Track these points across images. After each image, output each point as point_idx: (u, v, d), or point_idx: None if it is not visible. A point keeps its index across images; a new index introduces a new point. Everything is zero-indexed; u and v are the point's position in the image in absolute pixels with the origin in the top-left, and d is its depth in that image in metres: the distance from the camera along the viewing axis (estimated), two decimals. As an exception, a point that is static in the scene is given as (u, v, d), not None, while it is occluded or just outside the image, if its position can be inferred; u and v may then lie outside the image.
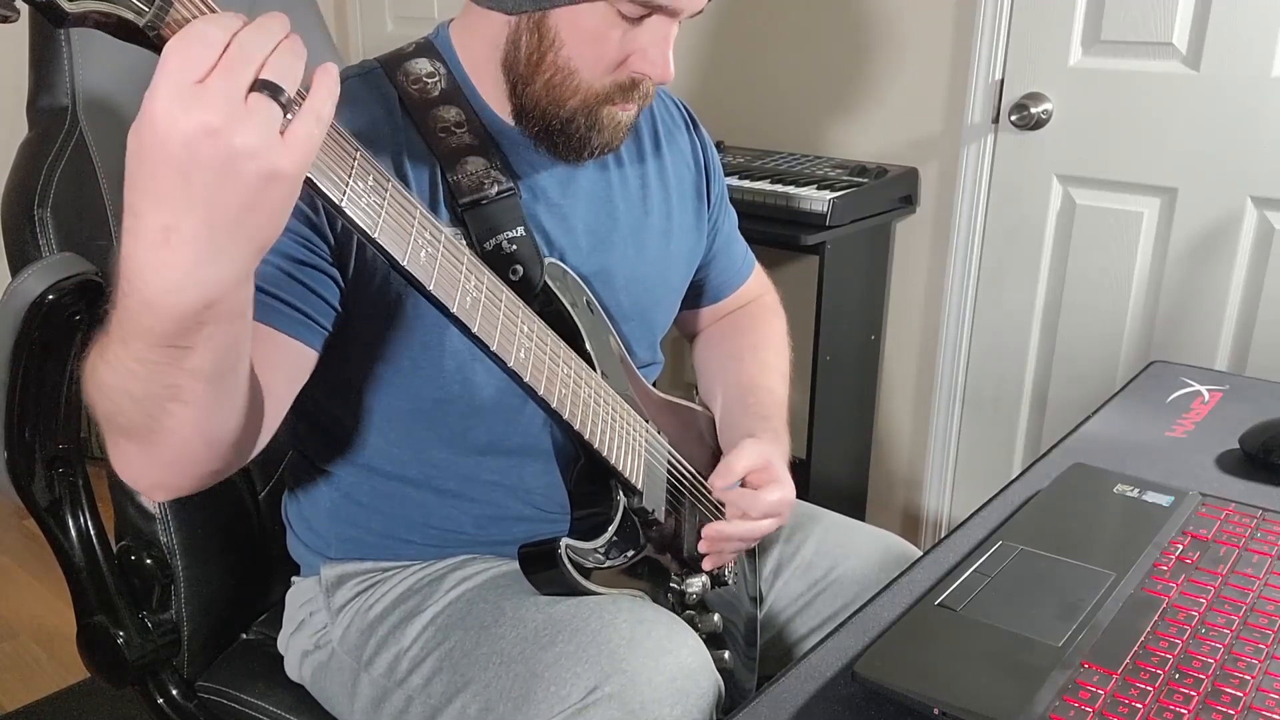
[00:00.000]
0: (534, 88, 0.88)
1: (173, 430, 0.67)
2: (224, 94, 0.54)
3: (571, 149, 0.91)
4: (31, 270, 0.90)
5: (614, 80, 0.87)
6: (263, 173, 0.56)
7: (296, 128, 0.57)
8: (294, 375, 0.85)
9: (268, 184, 0.56)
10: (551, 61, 0.86)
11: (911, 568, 0.85)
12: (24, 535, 2.44)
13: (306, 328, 0.84)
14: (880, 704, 0.68)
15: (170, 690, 1.07)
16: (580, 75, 0.87)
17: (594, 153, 0.92)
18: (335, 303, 0.87)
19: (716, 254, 1.17)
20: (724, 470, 0.98)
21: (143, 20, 0.56)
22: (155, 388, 0.64)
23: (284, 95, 0.56)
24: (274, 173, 0.56)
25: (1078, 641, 0.70)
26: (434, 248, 0.75)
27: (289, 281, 0.83)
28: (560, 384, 0.87)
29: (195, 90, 0.54)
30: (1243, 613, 0.74)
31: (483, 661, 0.89)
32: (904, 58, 2.04)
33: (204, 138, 0.54)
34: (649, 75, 0.87)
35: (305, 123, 0.58)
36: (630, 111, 0.91)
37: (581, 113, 0.88)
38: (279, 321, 0.82)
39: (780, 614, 1.12)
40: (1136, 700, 0.65)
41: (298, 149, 0.57)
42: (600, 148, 0.91)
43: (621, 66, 0.87)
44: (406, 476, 0.99)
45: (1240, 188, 1.75)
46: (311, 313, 0.84)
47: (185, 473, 0.74)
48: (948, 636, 0.71)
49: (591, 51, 0.85)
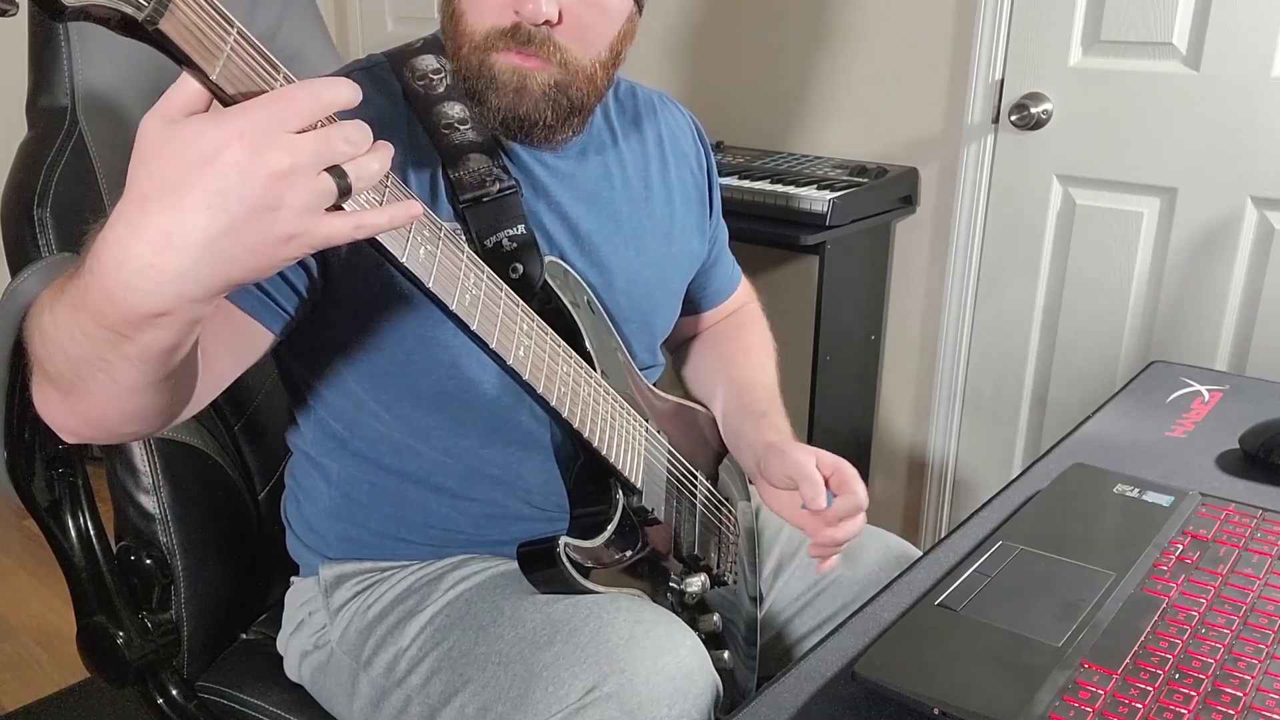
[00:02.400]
0: (449, 47, 0.90)
1: (95, 393, 0.66)
2: (308, 156, 0.55)
3: (482, 105, 0.89)
4: (31, 270, 0.90)
5: (494, 25, 0.86)
6: (288, 232, 0.57)
7: (339, 219, 0.59)
8: (242, 354, 0.83)
9: (284, 243, 0.57)
10: (451, 10, 0.88)
11: (911, 568, 0.85)
12: (24, 535, 2.44)
13: (266, 307, 0.83)
14: (880, 704, 0.68)
15: (170, 690, 1.07)
16: (466, 18, 0.87)
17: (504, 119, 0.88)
18: (302, 289, 0.86)
19: (715, 261, 1.18)
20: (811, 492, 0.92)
21: (142, 14, 0.55)
22: (89, 355, 0.63)
23: (349, 186, 0.58)
24: (295, 237, 0.57)
25: (1078, 641, 0.70)
26: (433, 245, 0.75)
27: None
28: (559, 382, 0.87)
29: (287, 137, 0.55)
30: (1243, 613, 0.74)
31: (481, 661, 0.89)
32: (904, 58, 2.04)
33: (268, 176, 0.54)
34: (520, 11, 0.85)
35: (349, 221, 0.59)
36: (535, 73, 0.87)
37: (474, 62, 0.87)
38: (241, 299, 0.81)
39: (780, 614, 1.12)
40: (1136, 700, 0.65)
41: (327, 231, 0.58)
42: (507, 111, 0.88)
43: (504, 8, 0.85)
44: (406, 473, 0.99)
45: (1240, 188, 1.75)
46: (273, 293, 0.83)
47: (99, 428, 0.73)
48: (948, 636, 0.71)
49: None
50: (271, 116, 0.55)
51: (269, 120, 0.55)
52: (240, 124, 0.54)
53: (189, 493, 1.06)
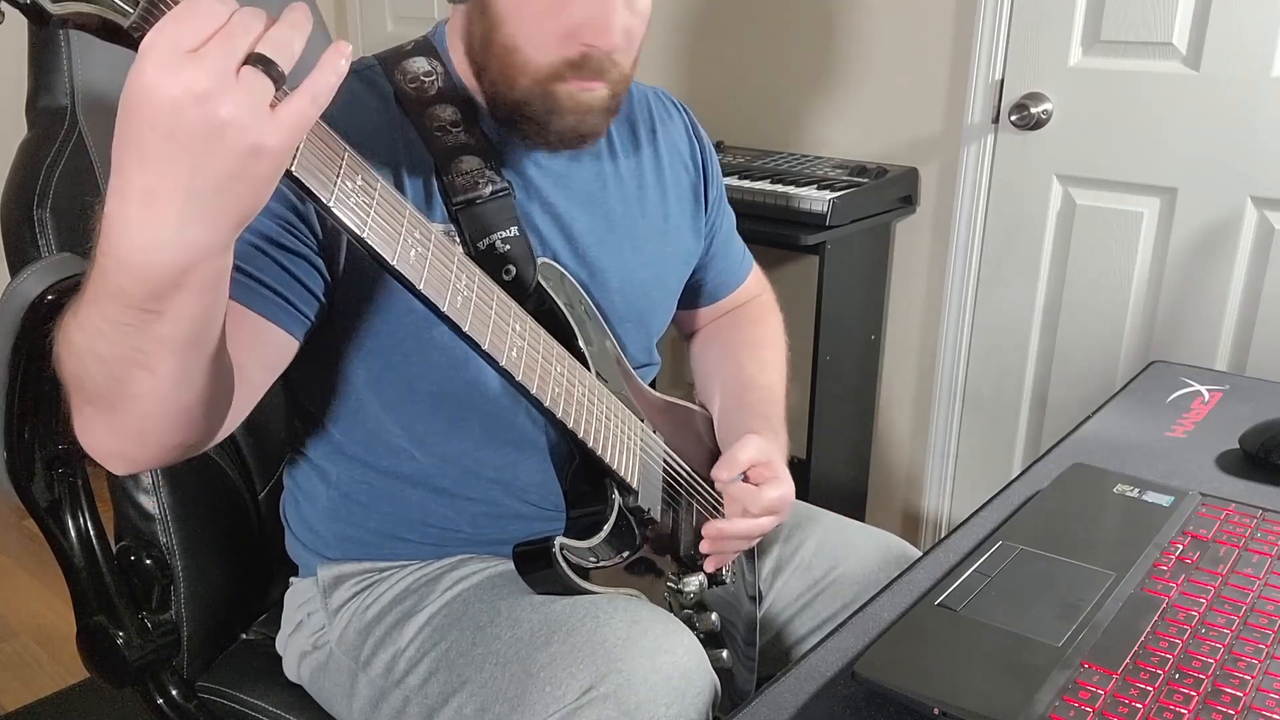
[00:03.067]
0: (490, 72, 0.88)
1: (136, 397, 0.66)
2: (216, 63, 0.54)
3: (539, 133, 0.89)
4: (31, 270, 0.90)
5: (561, 56, 0.85)
6: (246, 145, 0.56)
7: (287, 104, 0.57)
8: (271, 361, 0.84)
9: (251, 156, 0.56)
10: (498, 42, 0.86)
11: (911, 568, 0.85)
12: (24, 535, 2.44)
13: (286, 313, 0.83)
14: (880, 704, 0.67)
15: (170, 690, 1.07)
16: (524, 52, 0.85)
17: (565, 138, 0.89)
18: (319, 292, 0.86)
19: (715, 255, 1.17)
20: (728, 462, 0.98)
21: (127, 21, 0.56)
22: (122, 349, 0.63)
23: (277, 69, 0.56)
24: (257, 146, 0.56)
25: (1078, 641, 0.70)
26: (424, 247, 0.75)
27: (271, 265, 0.82)
28: (553, 383, 0.87)
29: (188, 57, 0.54)
30: (1243, 613, 0.74)
31: (479, 661, 0.89)
32: (904, 58, 2.04)
33: (191, 103, 0.54)
34: (595, 44, 0.84)
35: (298, 100, 0.57)
36: (596, 91, 0.87)
37: (535, 92, 0.86)
38: (258, 304, 0.81)
39: (780, 614, 1.12)
40: (1136, 700, 0.65)
41: (285, 125, 0.57)
42: (569, 132, 0.88)
43: (569, 40, 0.85)
44: (404, 473, 0.99)
45: (1240, 188, 1.75)
46: (292, 298, 0.83)
47: (146, 443, 0.72)
48: (948, 636, 0.71)
49: (531, 26, 0.84)
50: (168, 43, 0.54)
51: (165, 49, 0.54)
52: (142, 65, 0.54)
53: (189, 493, 1.06)
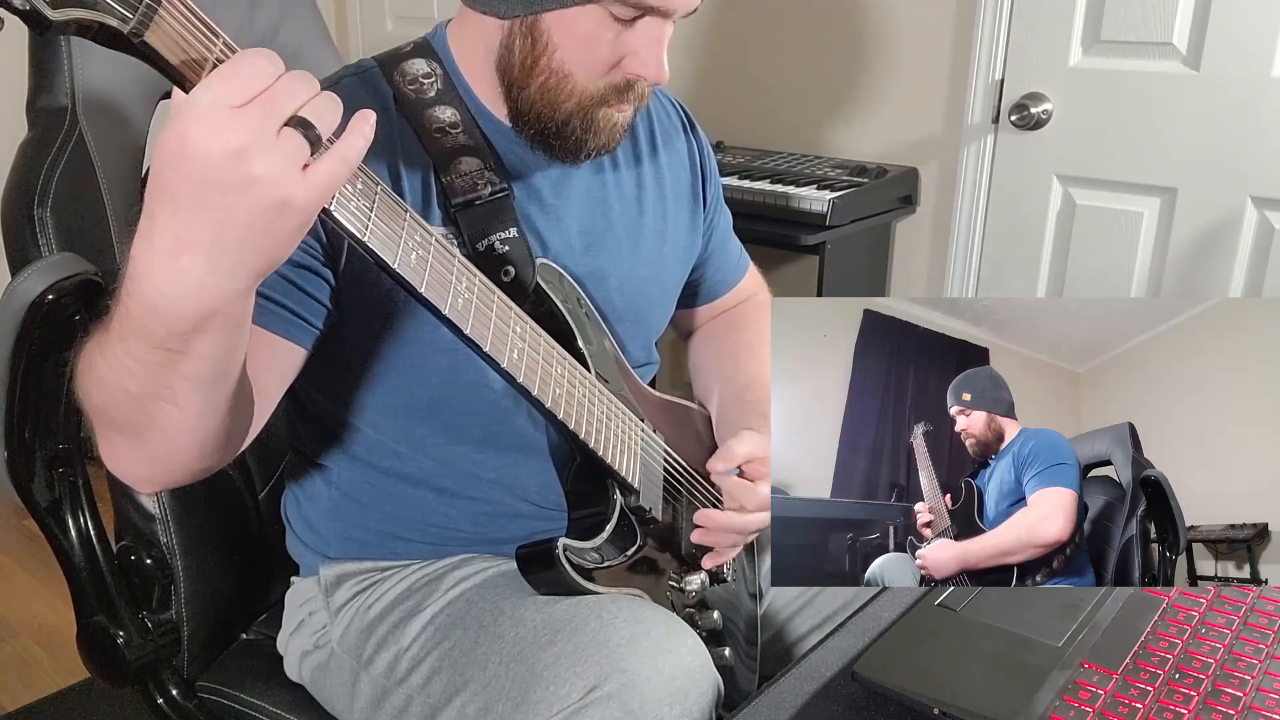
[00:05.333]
0: (529, 91, 0.88)
1: (164, 429, 0.68)
2: (259, 123, 0.56)
3: (568, 151, 0.91)
4: (31, 270, 0.90)
5: (608, 82, 0.87)
6: (276, 201, 0.57)
7: (320, 165, 0.59)
8: (285, 373, 0.86)
9: (280, 212, 0.58)
10: (545, 65, 0.86)
11: (911, 567, 0.85)
12: (24, 535, 2.44)
13: (298, 328, 0.85)
14: (880, 704, 0.68)
15: (170, 690, 1.07)
16: (574, 78, 0.86)
17: (590, 154, 0.92)
18: (326, 301, 0.88)
19: (712, 253, 1.17)
20: (724, 454, 0.98)
21: (126, 27, 0.56)
22: (151, 387, 0.65)
23: (315, 132, 0.58)
24: (286, 203, 0.58)
25: (1078, 641, 0.70)
26: (424, 250, 0.75)
27: (282, 283, 0.84)
28: (554, 384, 0.87)
29: (231, 114, 0.55)
30: (1242, 613, 0.74)
31: (481, 661, 0.89)
32: (904, 58, 2.04)
33: (228, 159, 0.55)
34: (643, 77, 0.87)
35: (329, 162, 0.59)
36: (626, 113, 0.90)
37: (577, 115, 0.88)
38: (272, 322, 0.83)
39: (780, 613, 1.12)
40: (1136, 700, 0.65)
41: (315, 185, 0.59)
42: (597, 149, 0.91)
43: (616, 69, 0.86)
44: (405, 474, 0.99)
45: (1240, 188, 1.75)
46: (303, 313, 0.85)
47: (173, 468, 0.75)
48: (948, 636, 0.71)
49: (584, 54, 0.85)
50: (212, 99, 0.55)
51: (212, 103, 0.55)
52: (185, 118, 0.55)
53: (189, 493, 1.05)
